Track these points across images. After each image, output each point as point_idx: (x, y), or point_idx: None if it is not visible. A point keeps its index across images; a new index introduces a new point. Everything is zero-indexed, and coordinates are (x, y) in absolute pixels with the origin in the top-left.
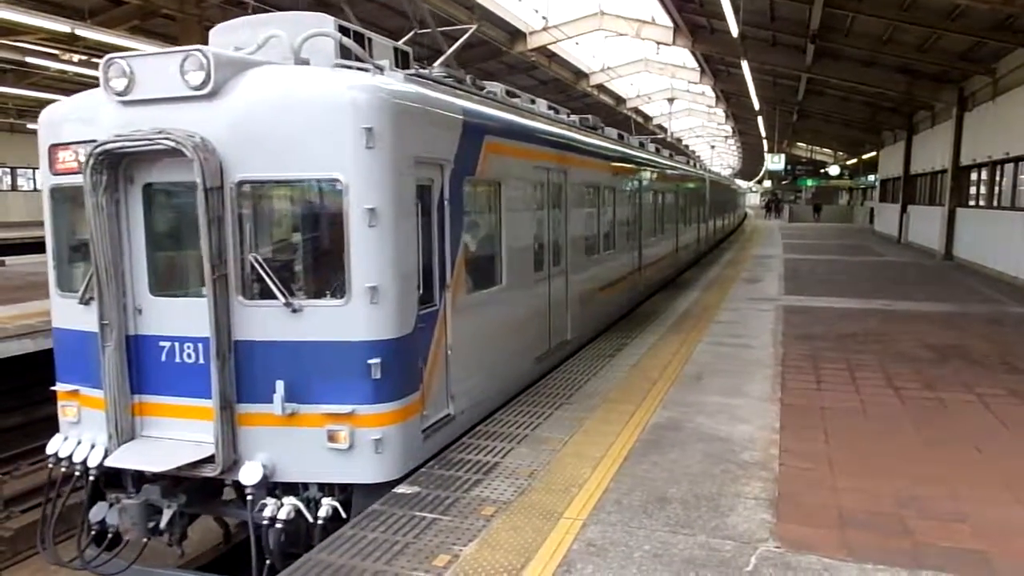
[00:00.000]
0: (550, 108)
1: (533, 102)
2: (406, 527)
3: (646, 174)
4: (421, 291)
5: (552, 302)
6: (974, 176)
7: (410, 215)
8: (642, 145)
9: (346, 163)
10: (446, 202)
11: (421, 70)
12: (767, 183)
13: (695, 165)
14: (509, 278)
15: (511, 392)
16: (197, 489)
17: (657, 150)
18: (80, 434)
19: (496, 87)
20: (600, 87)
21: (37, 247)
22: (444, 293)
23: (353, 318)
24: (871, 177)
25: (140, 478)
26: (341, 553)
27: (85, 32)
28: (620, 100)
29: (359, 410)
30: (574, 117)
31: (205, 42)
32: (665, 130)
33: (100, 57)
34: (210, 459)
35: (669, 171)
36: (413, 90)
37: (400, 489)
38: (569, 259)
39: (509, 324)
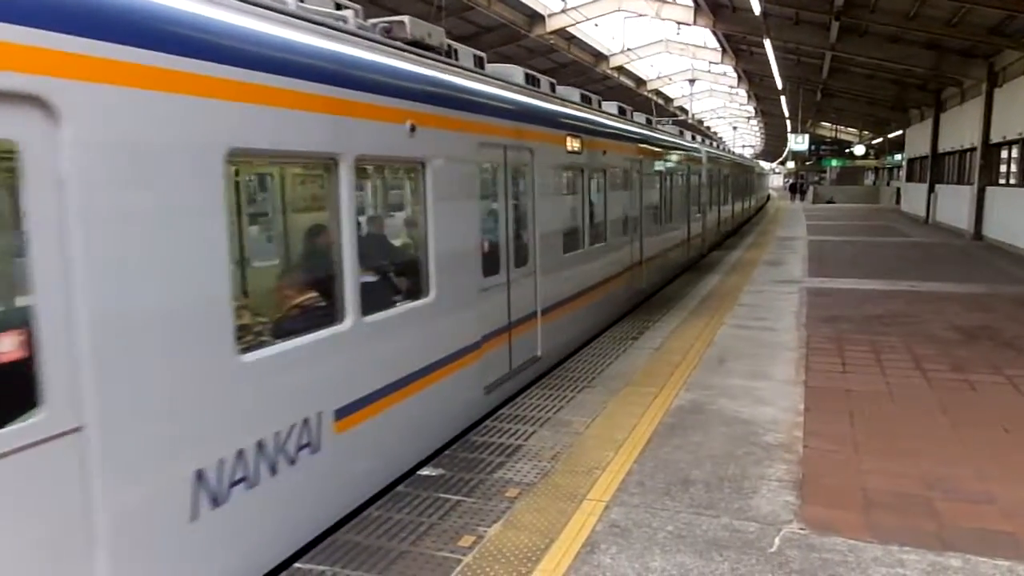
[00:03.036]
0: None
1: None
2: (431, 508)
3: (587, 148)
4: None
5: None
6: (1004, 154)
7: None
8: (600, 105)
9: None
10: None
11: None
12: (791, 164)
13: (701, 140)
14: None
15: None
16: None
17: (621, 110)
18: None
19: None
20: (620, 69)
21: None
22: None
23: None
24: (897, 156)
25: None
26: (368, 534)
27: None
28: (640, 82)
29: None
30: (474, 52)
31: None
32: (686, 111)
33: None
34: None
35: (636, 145)
36: None
37: (424, 471)
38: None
39: None
